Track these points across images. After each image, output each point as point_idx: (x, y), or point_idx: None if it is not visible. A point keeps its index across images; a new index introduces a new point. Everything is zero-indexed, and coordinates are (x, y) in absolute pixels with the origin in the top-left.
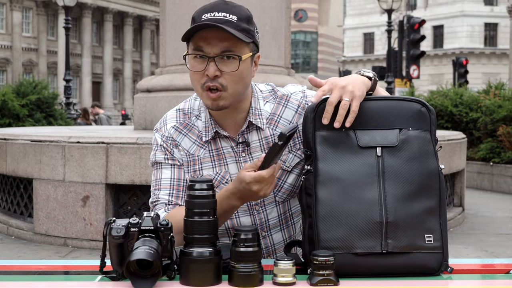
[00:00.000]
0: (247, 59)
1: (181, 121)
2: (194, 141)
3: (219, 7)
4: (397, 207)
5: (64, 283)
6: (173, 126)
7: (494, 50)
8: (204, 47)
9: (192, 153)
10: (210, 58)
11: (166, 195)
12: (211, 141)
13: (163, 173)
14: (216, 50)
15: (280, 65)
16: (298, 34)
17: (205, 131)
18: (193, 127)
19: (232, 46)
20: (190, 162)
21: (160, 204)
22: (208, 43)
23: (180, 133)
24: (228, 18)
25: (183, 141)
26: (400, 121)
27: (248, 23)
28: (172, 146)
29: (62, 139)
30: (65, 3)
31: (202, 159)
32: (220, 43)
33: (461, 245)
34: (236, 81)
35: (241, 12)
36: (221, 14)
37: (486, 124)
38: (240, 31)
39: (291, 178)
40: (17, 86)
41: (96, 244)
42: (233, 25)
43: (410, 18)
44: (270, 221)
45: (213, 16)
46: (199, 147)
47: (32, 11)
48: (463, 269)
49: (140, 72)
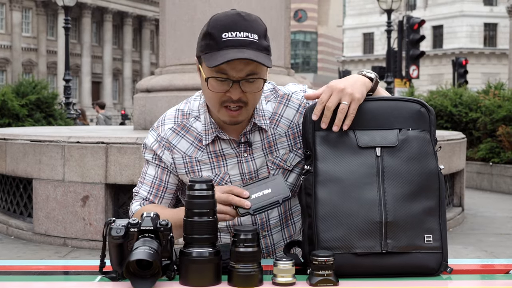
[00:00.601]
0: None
1: (179, 122)
2: (191, 142)
3: (239, 26)
4: (396, 207)
5: (63, 283)
6: (171, 127)
7: (494, 50)
8: (229, 71)
9: (190, 155)
10: (235, 82)
11: (145, 192)
12: (210, 143)
13: (149, 169)
14: (241, 74)
15: (279, 65)
16: (298, 34)
17: (205, 134)
18: (190, 128)
19: (256, 69)
20: (187, 164)
21: (138, 197)
22: (232, 67)
23: (177, 134)
24: (251, 38)
25: (179, 143)
26: (399, 121)
27: (265, 38)
28: (163, 148)
29: (61, 139)
30: (65, 3)
31: (201, 160)
32: (245, 67)
33: (460, 245)
34: (257, 98)
35: (259, 27)
36: (243, 34)
37: (485, 124)
38: (262, 51)
39: (292, 177)
40: (16, 86)
41: (96, 244)
42: (256, 46)
43: (410, 18)
44: (271, 221)
45: (235, 36)
46: (197, 149)
47: (31, 11)
48: (462, 269)
49: (140, 72)
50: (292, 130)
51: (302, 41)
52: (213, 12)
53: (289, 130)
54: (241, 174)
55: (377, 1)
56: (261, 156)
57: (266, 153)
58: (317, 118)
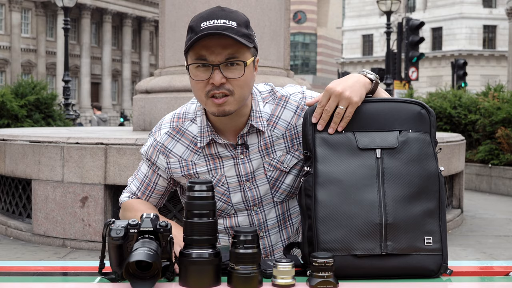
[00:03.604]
0: (250, 64)
1: (174, 125)
2: (187, 146)
3: (217, 14)
4: (396, 209)
5: (62, 284)
6: (166, 132)
7: (493, 52)
8: (208, 56)
9: (186, 158)
10: (215, 66)
11: (135, 187)
12: (205, 146)
13: (143, 167)
14: (220, 58)
15: (279, 66)
16: (297, 36)
17: (200, 137)
18: (185, 132)
19: (236, 53)
20: (183, 167)
21: (129, 189)
22: (211, 51)
23: (173, 139)
24: (228, 24)
25: (175, 147)
26: (399, 123)
27: (247, 27)
28: (158, 153)
29: (60, 140)
30: (64, 4)
31: (197, 164)
32: (223, 50)
33: (459, 247)
34: (242, 86)
35: (239, 17)
36: (221, 21)
37: (484, 126)
38: (241, 37)
39: (289, 179)
40: (15, 86)
41: (95, 245)
42: (234, 31)
43: (409, 20)
44: (268, 222)
45: (212, 24)
46: (193, 153)
47: (31, 12)
48: (462, 271)
49: (139, 73)
50: (290, 132)
51: (302, 42)
52: None
53: (286, 132)
54: (237, 176)
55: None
56: (257, 157)
57: (263, 154)
58: (317, 120)
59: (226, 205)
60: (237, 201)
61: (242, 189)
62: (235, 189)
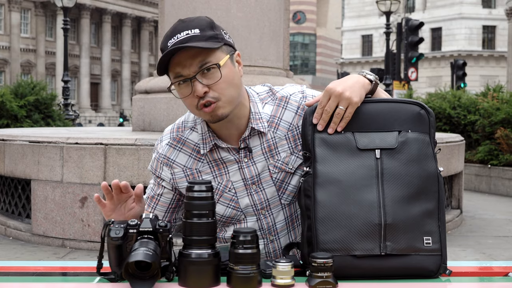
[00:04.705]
0: (226, 63)
1: (174, 136)
2: (190, 154)
3: (178, 29)
4: (396, 209)
5: (61, 284)
6: (167, 143)
7: (492, 52)
8: (182, 71)
9: (190, 167)
10: (192, 79)
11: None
12: (208, 153)
13: (151, 181)
14: (193, 69)
15: (278, 66)
16: (297, 36)
17: (202, 144)
18: (186, 140)
19: (206, 58)
20: (188, 176)
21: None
22: (183, 66)
23: (174, 149)
24: (191, 33)
25: (178, 157)
26: (399, 123)
27: (212, 29)
28: (162, 165)
29: (60, 140)
30: (64, 4)
31: (202, 171)
32: (193, 60)
33: (459, 248)
34: (226, 87)
35: (201, 22)
36: (183, 33)
37: (484, 127)
38: (207, 40)
39: (294, 180)
40: (15, 87)
41: (94, 245)
42: (198, 38)
43: (409, 21)
44: (277, 225)
45: (176, 39)
46: (197, 161)
47: (30, 12)
48: (461, 272)
49: (138, 73)
50: (292, 132)
51: (301, 43)
52: (213, 14)
53: (288, 133)
54: (243, 180)
55: (376, 3)
56: (262, 160)
57: (267, 157)
58: (318, 121)
59: (235, 211)
60: (246, 206)
61: (249, 193)
62: (242, 194)
